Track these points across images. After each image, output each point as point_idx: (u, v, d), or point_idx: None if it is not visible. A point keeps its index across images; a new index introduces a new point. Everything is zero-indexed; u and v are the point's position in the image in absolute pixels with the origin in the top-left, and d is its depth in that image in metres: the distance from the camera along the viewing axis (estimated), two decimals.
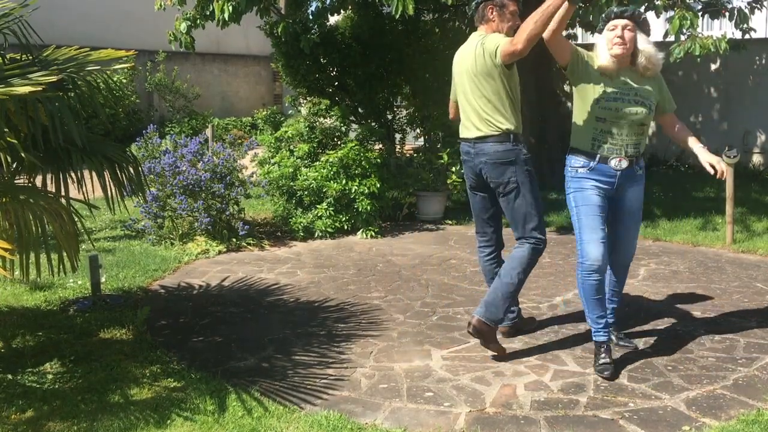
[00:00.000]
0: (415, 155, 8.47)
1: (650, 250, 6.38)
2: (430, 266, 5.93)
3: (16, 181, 3.69)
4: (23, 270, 3.45)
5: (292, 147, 7.55)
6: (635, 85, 3.64)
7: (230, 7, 6.99)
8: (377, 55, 8.47)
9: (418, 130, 9.36)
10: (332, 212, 7.05)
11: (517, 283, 3.78)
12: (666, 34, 7.09)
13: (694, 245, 6.56)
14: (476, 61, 3.74)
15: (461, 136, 3.95)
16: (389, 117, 9.18)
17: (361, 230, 7.11)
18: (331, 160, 7.08)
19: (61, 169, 3.65)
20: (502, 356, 3.84)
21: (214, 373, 3.67)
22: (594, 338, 3.74)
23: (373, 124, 8.47)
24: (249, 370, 3.76)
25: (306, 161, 7.36)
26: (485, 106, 3.74)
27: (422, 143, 9.39)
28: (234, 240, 6.56)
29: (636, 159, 3.71)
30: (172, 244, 6.49)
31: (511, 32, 3.70)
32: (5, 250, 2.86)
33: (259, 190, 7.63)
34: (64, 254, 3.51)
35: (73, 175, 3.68)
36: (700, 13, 7.76)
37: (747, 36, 7.90)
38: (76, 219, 3.61)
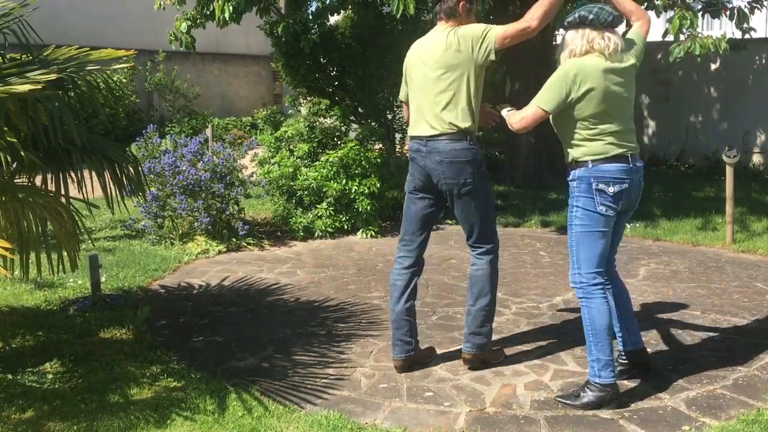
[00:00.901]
0: None
1: (650, 249, 6.38)
2: (429, 266, 5.91)
3: (16, 181, 3.69)
4: (23, 269, 3.45)
5: (292, 147, 7.55)
6: None
7: (230, 7, 6.98)
8: (377, 54, 8.47)
9: None
10: (332, 212, 7.05)
11: (492, 304, 3.65)
12: (666, 34, 7.09)
13: (694, 245, 6.56)
14: (446, 51, 3.49)
15: (411, 133, 3.68)
16: (389, 117, 9.17)
17: (361, 230, 7.10)
18: (331, 159, 7.08)
19: (61, 168, 3.65)
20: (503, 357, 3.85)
21: (214, 372, 3.67)
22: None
23: (373, 123, 8.47)
24: (249, 369, 3.76)
25: (306, 161, 7.36)
26: (444, 103, 3.50)
27: None
28: (234, 240, 6.56)
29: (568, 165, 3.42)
30: (172, 243, 6.49)
31: None
32: (5, 249, 2.86)
33: (259, 190, 7.63)
34: (64, 253, 3.51)
35: (73, 174, 3.68)
36: (700, 13, 7.76)
37: (747, 36, 7.90)
38: (76, 218, 3.61)
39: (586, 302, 3.34)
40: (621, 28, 3.43)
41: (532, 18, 3.38)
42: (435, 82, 3.53)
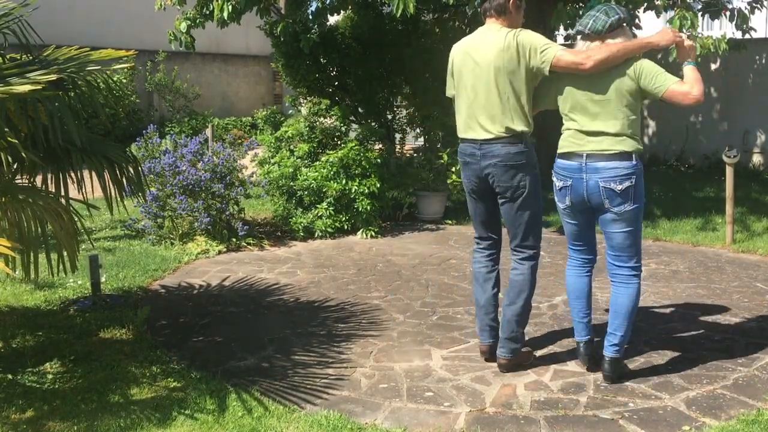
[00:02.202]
0: (415, 155, 8.47)
1: (650, 249, 6.38)
2: (430, 266, 5.93)
3: (16, 181, 3.69)
4: (24, 269, 3.45)
5: (292, 147, 7.55)
6: None
7: (230, 7, 6.99)
8: (377, 54, 8.47)
9: (418, 130, 9.36)
10: (332, 212, 7.05)
11: (527, 308, 3.67)
12: None
13: (694, 245, 6.56)
14: (503, 53, 3.41)
15: (464, 135, 3.63)
16: (389, 117, 9.18)
17: (361, 230, 7.11)
18: (331, 160, 7.08)
19: (61, 169, 3.65)
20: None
21: (214, 372, 3.67)
22: (621, 354, 3.57)
23: (373, 124, 8.47)
24: (249, 369, 3.76)
25: (306, 161, 7.36)
26: (501, 106, 3.45)
27: (422, 143, 9.39)
28: (234, 240, 6.56)
29: None
30: (172, 243, 6.49)
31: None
32: (7, 247, 2.86)
33: (259, 190, 7.63)
34: (65, 254, 3.51)
35: (73, 175, 3.68)
36: (700, 13, 7.77)
37: (747, 36, 7.91)
38: (76, 219, 3.61)
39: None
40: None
41: (590, 58, 3.29)
42: (490, 83, 3.46)
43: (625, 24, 3.41)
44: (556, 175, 3.52)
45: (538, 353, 3.95)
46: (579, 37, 3.45)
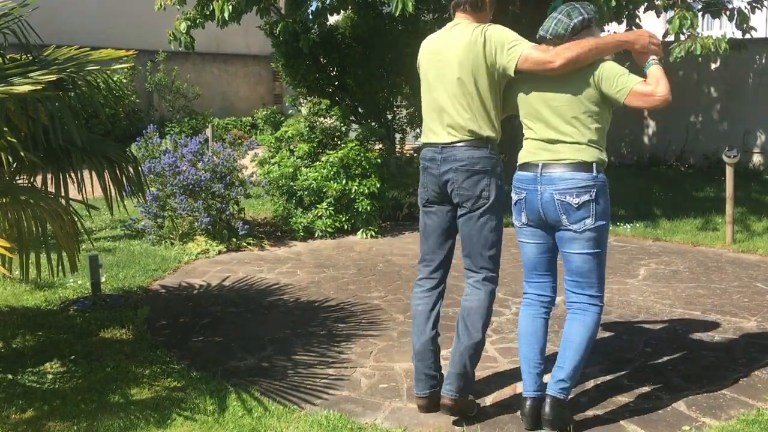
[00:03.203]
0: (415, 155, 8.47)
1: (650, 249, 6.38)
2: None
3: (16, 181, 3.69)
4: (23, 270, 3.45)
5: (292, 147, 7.55)
6: None
7: (230, 7, 6.99)
8: (377, 54, 8.47)
9: (418, 130, 9.35)
10: (332, 212, 7.05)
11: (482, 342, 3.16)
12: (666, 34, 7.09)
13: (694, 245, 6.56)
14: (469, 49, 3.07)
15: (425, 140, 3.27)
16: (389, 117, 9.18)
17: (361, 230, 7.11)
18: (331, 160, 7.08)
19: (61, 169, 3.65)
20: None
21: (214, 372, 3.67)
22: (567, 397, 3.10)
23: (373, 123, 8.47)
24: (249, 369, 3.76)
25: (306, 161, 7.36)
26: (466, 107, 3.10)
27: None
28: (234, 240, 6.56)
29: None
30: (172, 243, 6.49)
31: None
32: (6, 248, 2.86)
33: (259, 190, 7.63)
34: (64, 254, 3.51)
35: (73, 175, 3.68)
36: (700, 13, 7.77)
37: (747, 36, 7.91)
38: (76, 219, 3.61)
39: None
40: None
41: (559, 55, 2.95)
42: (454, 82, 3.12)
43: (592, 24, 3.09)
44: (513, 187, 3.16)
45: None
46: (543, 43, 3.09)
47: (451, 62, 3.12)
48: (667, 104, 2.97)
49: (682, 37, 6.84)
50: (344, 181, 7.04)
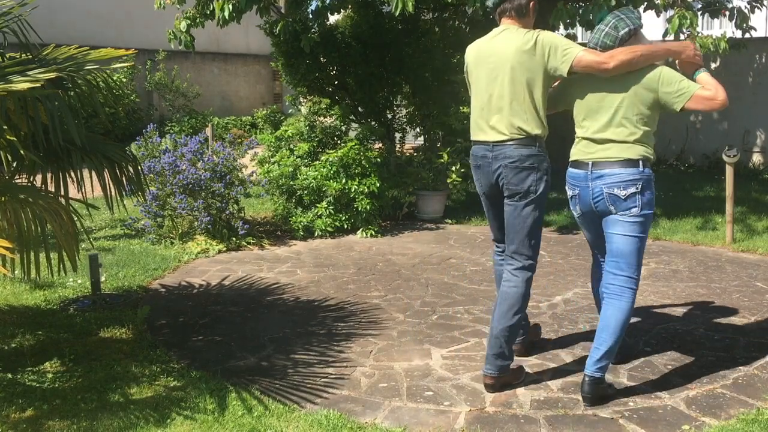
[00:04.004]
0: (414, 154, 8.47)
1: (650, 249, 6.37)
2: (429, 265, 5.93)
3: (15, 181, 3.69)
4: (23, 269, 3.45)
5: (292, 146, 7.55)
6: None
7: (230, 6, 6.99)
8: (377, 54, 8.46)
9: (417, 129, 9.36)
10: (332, 211, 7.05)
11: (518, 324, 3.47)
12: (665, 34, 7.09)
13: (694, 244, 6.56)
14: (522, 53, 3.30)
15: (475, 138, 3.50)
16: (389, 116, 9.18)
17: (360, 229, 7.10)
18: (331, 159, 7.08)
19: (61, 168, 3.65)
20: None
21: (214, 372, 3.67)
22: (604, 375, 3.34)
23: (373, 123, 8.47)
24: (249, 369, 3.76)
25: (306, 160, 7.36)
26: (517, 107, 3.33)
27: (422, 142, 9.38)
28: (234, 239, 6.56)
29: None
30: (171, 243, 6.49)
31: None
32: (6, 248, 2.86)
33: (258, 190, 7.63)
34: (64, 253, 3.51)
35: (72, 174, 3.68)
36: (699, 13, 7.77)
37: (747, 35, 7.91)
38: (76, 218, 3.61)
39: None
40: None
41: (613, 57, 3.20)
42: (505, 84, 3.34)
43: (638, 33, 3.34)
44: (567, 183, 3.48)
45: (538, 353, 3.95)
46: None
47: (503, 65, 3.35)
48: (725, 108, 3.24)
49: (682, 37, 6.84)
50: (344, 181, 7.04)
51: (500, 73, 3.36)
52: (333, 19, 8.65)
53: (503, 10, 3.44)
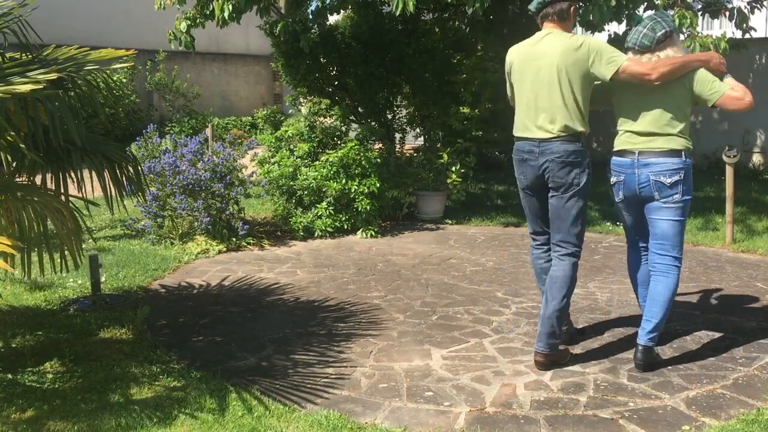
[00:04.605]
0: (415, 155, 8.48)
1: None
2: (430, 266, 5.93)
3: (16, 181, 3.69)
4: (24, 268, 3.45)
5: (292, 146, 7.55)
6: None
7: (230, 6, 6.99)
8: (377, 54, 8.47)
9: (417, 130, 9.36)
10: (332, 212, 7.05)
11: (567, 305, 3.74)
12: None
13: (694, 245, 6.56)
14: (569, 56, 3.57)
15: (521, 134, 3.75)
16: (389, 116, 9.19)
17: (360, 230, 7.11)
18: (331, 159, 7.08)
19: (61, 168, 3.65)
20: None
21: (214, 372, 3.67)
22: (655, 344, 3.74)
23: (373, 123, 8.48)
24: (249, 369, 3.76)
25: (306, 161, 7.36)
26: (562, 106, 3.59)
27: (422, 143, 9.39)
28: (234, 239, 6.56)
29: None
30: (171, 243, 6.49)
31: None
32: (8, 246, 2.86)
33: (259, 190, 7.63)
34: (66, 252, 3.51)
35: (73, 174, 3.68)
36: (699, 13, 7.77)
37: (747, 36, 7.91)
38: (77, 216, 3.61)
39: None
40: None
41: (656, 70, 3.52)
42: (552, 84, 3.60)
43: (673, 34, 3.68)
44: (611, 171, 3.81)
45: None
46: (629, 52, 3.72)
47: (550, 66, 3.61)
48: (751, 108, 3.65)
49: (682, 37, 6.83)
50: (344, 181, 7.04)
51: (547, 74, 3.61)
52: (333, 19, 8.65)
53: (546, 15, 3.70)
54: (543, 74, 3.62)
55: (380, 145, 8.25)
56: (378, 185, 7.07)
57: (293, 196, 7.19)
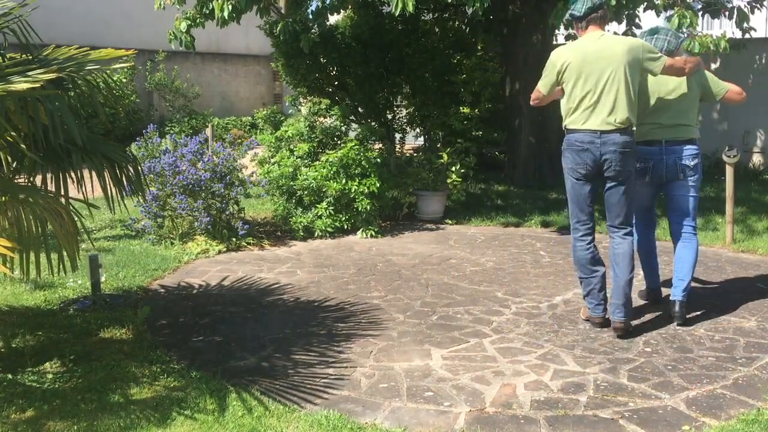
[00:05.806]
0: (414, 155, 8.48)
1: None
2: (429, 266, 5.93)
3: (15, 181, 3.69)
4: (23, 269, 3.45)
5: (292, 146, 7.55)
6: None
7: (230, 6, 6.99)
8: (377, 54, 8.47)
9: (417, 130, 9.36)
10: (332, 212, 7.05)
11: (633, 274, 4.19)
12: None
13: None
14: (629, 55, 4.04)
15: (583, 126, 4.10)
16: (389, 116, 9.19)
17: (360, 230, 7.10)
18: (331, 159, 7.08)
19: (61, 168, 3.64)
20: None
21: (214, 372, 3.67)
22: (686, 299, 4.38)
23: (373, 123, 8.48)
24: (249, 369, 3.76)
25: (306, 161, 7.36)
26: (624, 99, 4.02)
27: (422, 143, 9.39)
28: (234, 239, 6.56)
29: None
30: (171, 243, 6.49)
31: None
32: (6, 248, 2.86)
33: (259, 190, 7.63)
34: (65, 253, 3.51)
35: (73, 174, 3.68)
36: (699, 12, 7.77)
37: (747, 35, 7.91)
38: (76, 218, 3.61)
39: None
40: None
41: (687, 66, 4.25)
42: (616, 80, 4.02)
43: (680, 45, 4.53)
44: (639, 158, 4.35)
45: (539, 352, 3.95)
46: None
47: (614, 64, 4.04)
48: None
49: (682, 36, 6.83)
50: (344, 181, 7.04)
51: (611, 71, 4.04)
52: (333, 19, 8.65)
53: (593, 19, 4.18)
54: (609, 72, 4.03)
55: (380, 145, 8.24)
56: (378, 185, 7.07)
57: (293, 196, 7.19)
